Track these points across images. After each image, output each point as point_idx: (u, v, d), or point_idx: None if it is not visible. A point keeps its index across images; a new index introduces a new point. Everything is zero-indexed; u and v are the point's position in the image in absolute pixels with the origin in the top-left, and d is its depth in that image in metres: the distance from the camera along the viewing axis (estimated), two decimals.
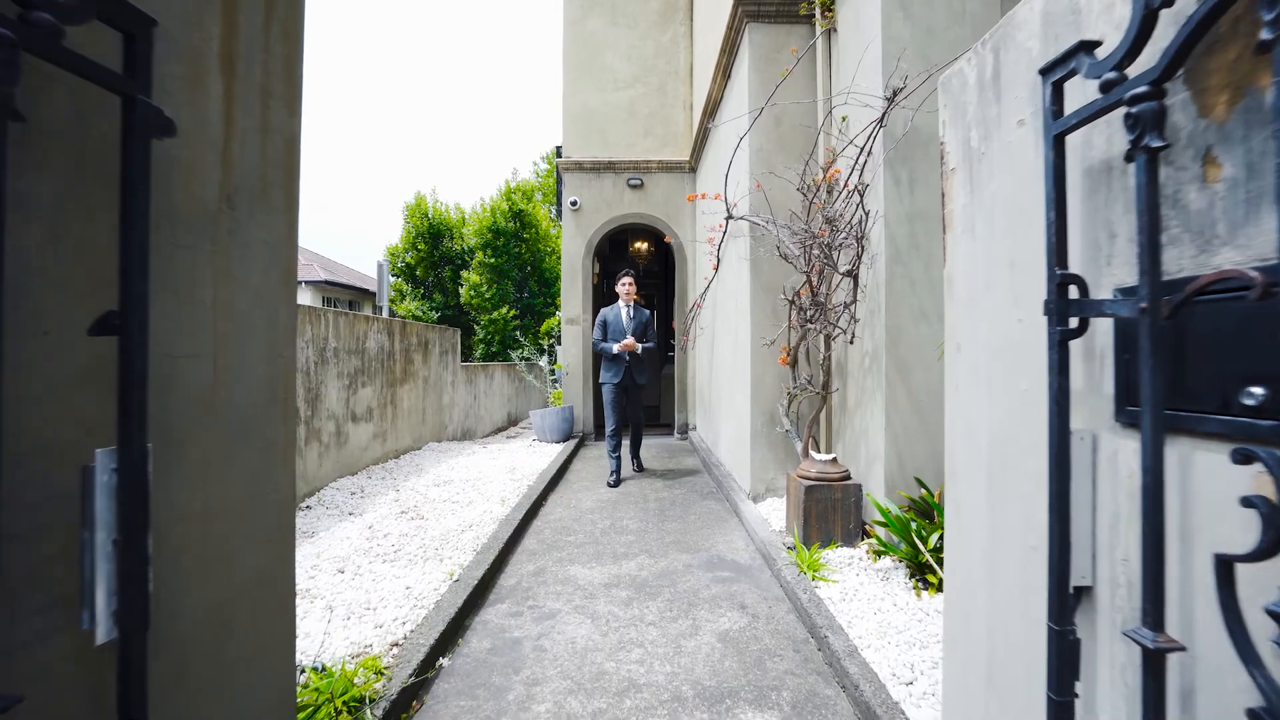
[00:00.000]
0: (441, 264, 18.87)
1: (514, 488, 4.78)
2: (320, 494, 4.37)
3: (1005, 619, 1.17)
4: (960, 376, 1.36)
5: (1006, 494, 1.17)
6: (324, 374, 4.51)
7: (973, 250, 1.30)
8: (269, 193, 1.26)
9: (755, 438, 4.24)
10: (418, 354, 6.52)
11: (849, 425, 3.73)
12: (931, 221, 3.21)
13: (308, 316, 4.28)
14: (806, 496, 3.26)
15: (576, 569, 3.30)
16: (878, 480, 3.29)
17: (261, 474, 1.27)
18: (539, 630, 2.61)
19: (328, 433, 4.56)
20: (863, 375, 3.49)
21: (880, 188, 3.24)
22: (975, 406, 1.30)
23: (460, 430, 8.06)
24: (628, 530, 3.99)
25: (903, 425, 3.20)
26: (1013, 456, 1.16)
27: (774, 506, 4.07)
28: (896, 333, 3.21)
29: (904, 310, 3.21)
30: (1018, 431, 1.15)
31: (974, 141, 1.29)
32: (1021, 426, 1.13)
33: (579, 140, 8.00)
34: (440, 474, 5.26)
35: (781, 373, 4.21)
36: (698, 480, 5.47)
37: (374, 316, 5.45)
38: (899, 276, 3.21)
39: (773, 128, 4.27)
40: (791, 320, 3.77)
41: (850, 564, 3.08)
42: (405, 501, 4.29)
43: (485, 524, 3.82)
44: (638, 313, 5.44)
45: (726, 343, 5.29)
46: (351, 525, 3.71)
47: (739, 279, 4.67)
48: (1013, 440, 1.16)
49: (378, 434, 5.46)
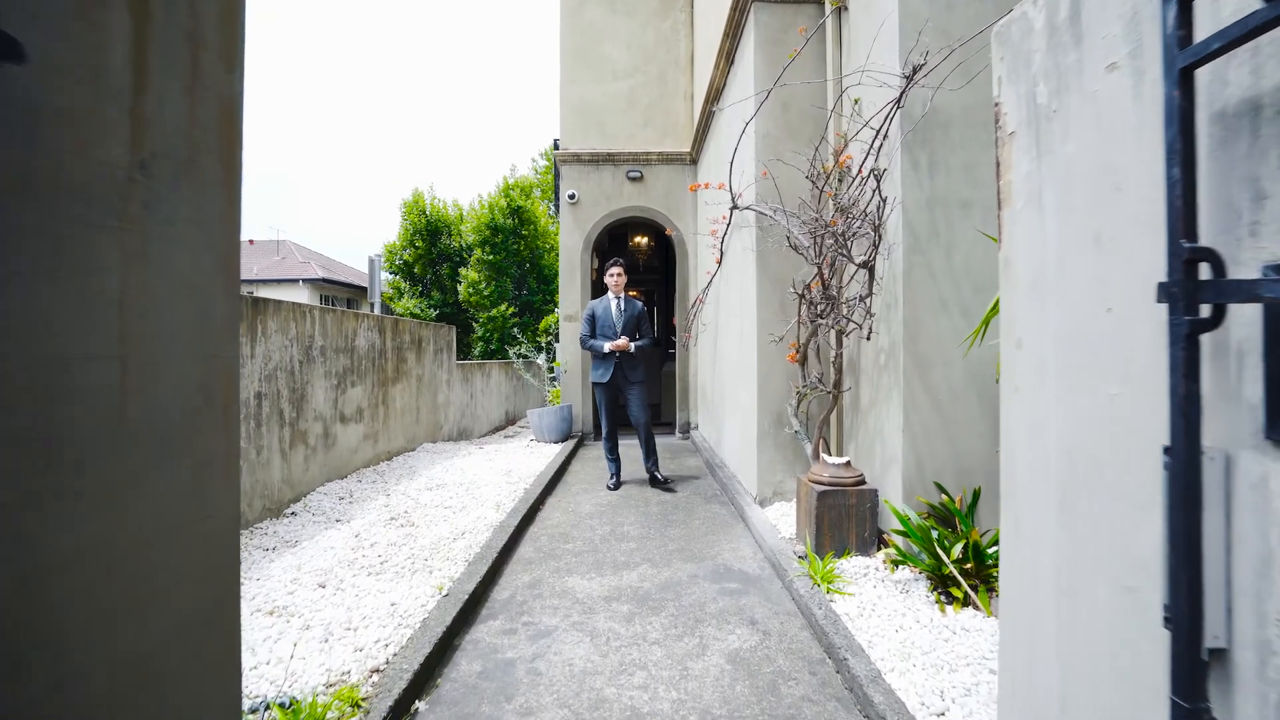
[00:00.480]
0: (440, 261, 18.74)
1: (510, 491, 4.58)
2: (307, 499, 4.16)
3: (1090, 672, 0.97)
4: (1022, 376, 1.16)
5: (1089, 519, 0.97)
6: (310, 373, 4.31)
7: (1039, 226, 1.10)
8: (199, 161, 1.05)
9: (762, 439, 4.04)
10: (411, 352, 6.31)
11: (862, 426, 3.53)
12: (952, 208, 3.00)
13: (292, 314, 4.07)
14: (819, 503, 3.06)
15: (575, 580, 3.10)
16: (894, 485, 3.09)
17: (193, 496, 1.06)
18: (534, 650, 2.41)
19: (315, 435, 4.36)
20: (878, 372, 3.29)
21: (897, 172, 3.03)
22: (1042, 411, 1.10)
23: (456, 430, 7.87)
24: (629, 537, 3.79)
25: (922, 425, 3.00)
26: (1097, 474, 0.96)
27: (782, 511, 3.88)
28: (915, 326, 3.01)
29: (923, 302, 3.01)
30: (1102, 445, 0.94)
31: (1041, 97, 1.08)
32: (1108, 439, 0.93)
33: (577, 131, 7.78)
34: (434, 477, 5.06)
35: (790, 370, 4.01)
36: (701, 483, 5.27)
37: (364, 314, 5.25)
38: (918, 266, 3.01)
39: (780, 113, 4.06)
40: (801, 315, 3.56)
41: (866, 575, 2.88)
42: (395, 507, 4.09)
43: (479, 531, 3.62)
44: (629, 306, 4.96)
45: (730, 339, 5.09)
46: (337, 533, 3.51)
47: (744, 272, 4.47)
48: (1096, 455, 0.96)
49: (368, 435, 5.26)
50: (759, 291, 4.05)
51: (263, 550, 3.23)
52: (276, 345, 3.88)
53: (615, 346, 4.74)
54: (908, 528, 2.76)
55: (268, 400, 3.77)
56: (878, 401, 3.29)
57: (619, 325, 4.88)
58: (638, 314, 4.97)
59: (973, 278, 3.00)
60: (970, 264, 3.00)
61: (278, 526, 3.62)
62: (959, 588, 2.57)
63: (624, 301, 4.96)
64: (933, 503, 2.99)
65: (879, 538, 3.15)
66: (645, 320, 5.02)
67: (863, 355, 3.52)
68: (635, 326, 4.93)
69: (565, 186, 7.76)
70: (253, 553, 3.18)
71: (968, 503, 2.98)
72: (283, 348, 3.96)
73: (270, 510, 3.77)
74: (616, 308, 4.94)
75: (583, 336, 4.95)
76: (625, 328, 4.86)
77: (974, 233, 3.00)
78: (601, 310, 4.96)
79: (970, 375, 3.00)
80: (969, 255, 3.00)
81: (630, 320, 4.91)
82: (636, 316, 4.94)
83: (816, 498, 3.06)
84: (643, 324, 4.98)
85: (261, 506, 3.69)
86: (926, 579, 2.76)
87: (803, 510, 3.29)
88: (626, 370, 4.85)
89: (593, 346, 4.85)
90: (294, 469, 4.09)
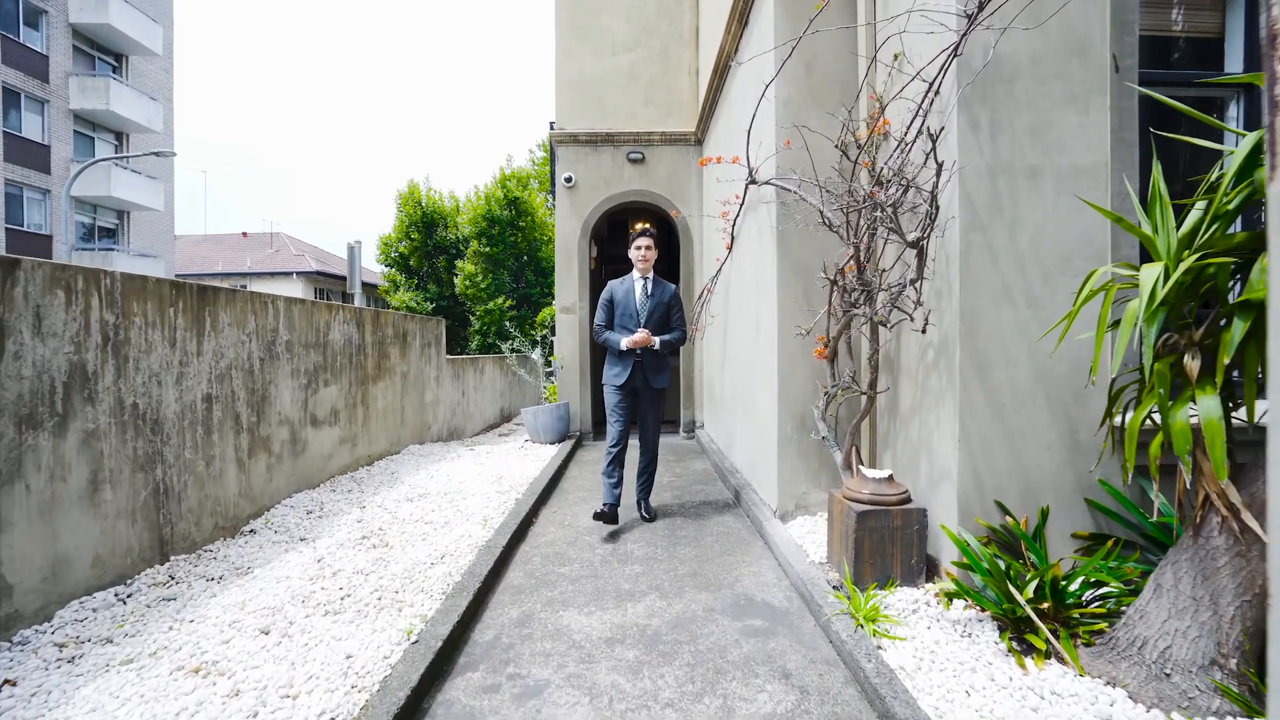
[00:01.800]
0: (436, 253, 18.48)
1: (499, 502, 4.12)
2: (270, 514, 3.70)
3: None
4: None
5: None
6: (273, 372, 3.83)
7: None
8: None
9: (783, 446, 3.58)
10: (394, 347, 5.83)
11: (902, 433, 3.07)
12: (1018, 177, 2.53)
13: (250, 306, 3.59)
14: (858, 525, 2.60)
15: (571, 615, 2.65)
16: (946, 504, 2.63)
17: None
18: (520, 715, 1.96)
19: (279, 441, 3.89)
20: (924, 372, 2.82)
21: (953, 135, 2.55)
22: None
23: (446, 430, 7.40)
24: (633, 557, 3.34)
25: (980, 435, 2.54)
26: None
27: (807, 528, 3.42)
28: (974, 318, 2.54)
29: (983, 289, 2.54)
30: None
31: None
32: None
33: (574, 110, 7.26)
34: (417, 484, 4.59)
35: (815, 368, 3.54)
36: (710, 489, 4.82)
37: (339, 305, 4.77)
38: (977, 247, 2.54)
39: (803, 75, 3.57)
40: (832, 304, 3.09)
41: (916, 612, 2.43)
42: (369, 523, 3.63)
43: (461, 554, 3.16)
44: (658, 289, 3.89)
45: (743, 333, 4.61)
46: (298, 557, 3.05)
47: (761, 257, 3.99)
48: None
49: (345, 439, 4.79)
50: (779, 278, 3.57)
51: (206, 581, 2.77)
52: (231, 340, 3.40)
53: (634, 342, 3.73)
54: (970, 558, 2.30)
55: (220, 404, 3.30)
56: (924, 406, 2.83)
57: (644, 314, 3.83)
58: (668, 300, 3.90)
59: (1041, 262, 2.53)
60: (1039, 245, 2.53)
61: (231, 549, 3.15)
62: (1036, 633, 2.12)
63: (652, 284, 3.89)
64: (994, 526, 2.53)
65: (927, 565, 2.70)
66: (678, 308, 3.95)
67: (903, 352, 3.05)
68: (665, 317, 3.88)
69: (561, 169, 7.26)
70: (194, 585, 2.71)
71: (1034, 525, 2.53)
72: (239, 343, 3.48)
73: (224, 529, 3.31)
74: (643, 291, 3.88)
75: (597, 327, 3.93)
76: (652, 318, 3.83)
77: (1043, 208, 2.53)
78: (623, 294, 3.90)
79: (1038, 376, 2.54)
80: (1037, 235, 2.53)
81: (659, 308, 3.86)
82: (667, 304, 3.89)
83: (856, 519, 2.60)
84: (674, 313, 3.92)
85: (213, 525, 3.22)
86: (992, 620, 2.30)
87: (836, 531, 2.83)
88: (649, 372, 3.84)
89: (608, 340, 3.87)
90: (254, 480, 3.62)
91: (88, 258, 19.61)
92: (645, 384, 3.87)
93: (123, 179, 20.05)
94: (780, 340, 3.56)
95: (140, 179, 20.85)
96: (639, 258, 3.88)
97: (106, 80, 19.55)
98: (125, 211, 21.44)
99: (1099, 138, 2.52)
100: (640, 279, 3.92)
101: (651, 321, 3.84)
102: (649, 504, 4.09)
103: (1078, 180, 2.52)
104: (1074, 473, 2.54)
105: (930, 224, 2.41)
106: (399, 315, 6.02)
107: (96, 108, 19.44)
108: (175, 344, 2.96)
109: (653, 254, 3.88)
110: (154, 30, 21.21)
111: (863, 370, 3.43)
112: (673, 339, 3.89)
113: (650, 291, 3.89)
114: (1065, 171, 2.53)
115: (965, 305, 2.54)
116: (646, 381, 3.86)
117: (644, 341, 3.75)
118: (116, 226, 21.40)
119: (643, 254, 3.86)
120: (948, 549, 2.62)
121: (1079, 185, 2.52)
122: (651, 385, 3.88)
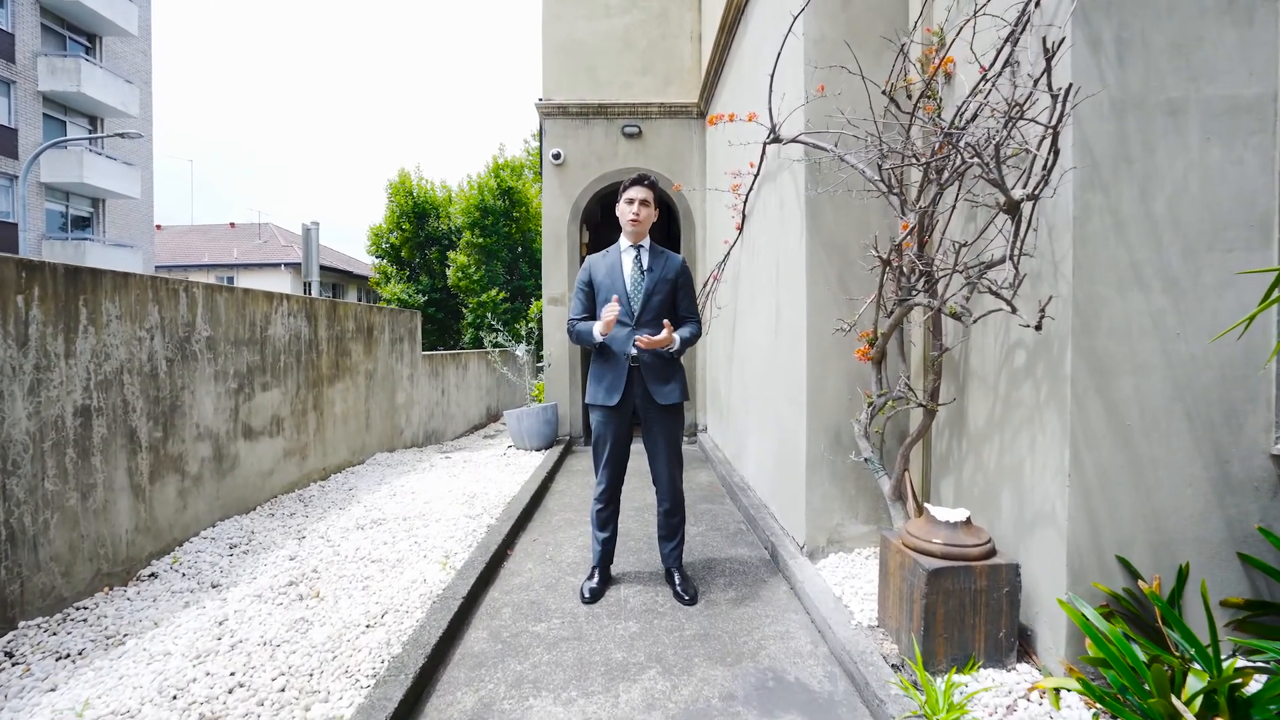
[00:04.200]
0: (428, 244, 18.11)
1: (468, 530, 3.44)
2: (181, 551, 3.01)
3: None
4: None
5: None
6: (187, 375, 3.14)
7: None
8: None
9: (813, 468, 2.91)
10: (356, 343, 5.13)
11: (971, 458, 2.40)
12: (1154, 115, 1.85)
13: (150, 293, 2.89)
14: (930, 586, 1.94)
15: (543, 706, 1.98)
16: (1047, 558, 1.96)
17: None
18: None
19: (197, 459, 3.20)
20: (1010, 379, 2.15)
21: (1068, 58, 1.86)
22: None
23: (424, 433, 6.72)
24: (627, 608, 2.67)
25: (1097, 466, 1.87)
26: None
27: (844, 570, 2.76)
28: (1091, 308, 1.87)
29: (1104, 269, 1.86)
30: None
31: None
32: None
33: (563, 78, 6.53)
34: (373, 505, 3.91)
35: (853, 372, 2.87)
36: (719, 510, 4.15)
37: (283, 295, 4.07)
38: (1097, 212, 1.86)
39: (839, 9, 2.88)
40: (883, 291, 2.41)
41: (1014, 712, 1.77)
42: (304, 561, 2.95)
43: (409, 608, 2.49)
44: (658, 262, 2.72)
45: (758, 327, 3.93)
46: (195, 618, 2.36)
47: (784, 236, 3.30)
48: None
49: (291, 451, 4.10)
50: (809, 259, 2.89)
51: (56, 660, 2.08)
52: (121, 338, 2.70)
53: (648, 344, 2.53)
54: (1105, 650, 1.63)
55: (104, 418, 2.60)
56: (1008, 423, 2.16)
57: (638, 300, 2.67)
58: (674, 278, 2.72)
59: (1182, 232, 1.86)
60: (1179, 209, 1.86)
61: (113, 604, 2.46)
62: None
63: (649, 255, 2.73)
64: (1116, 591, 1.87)
65: (1019, 638, 2.03)
66: (687, 290, 2.78)
67: (973, 353, 2.38)
68: (669, 302, 2.72)
69: (549, 145, 6.54)
70: (35, 667, 2.02)
71: (1169, 587, 1.87)
72: (133, 341, 2.78)
73: (111, 576, 2.62)
74: (635, 266, 2.71)
75: (571, 320, 2.81)
76: (651, 305, 2.67)
77: (1187, 157, 1.85)
78: (606, 271, 2.72)
79: (1177, 387, 1.87)
80: (1177, 194, 1.86)
81: (661, 290, 2.69)
82: (672, 283, 2.71)
83: (927, 579, 1.93)
84: (683, 299, 2.76)
85: (93, 573, 2.54)
86: None
87: (894, 588, 2.16)
88: (651, 385, 2.66)
89: (582, 334, 2.70)
90: (160, 510, 2.93)
91: (59, 248, 18.78)
92: (648, 403, 2.69)
93: (96, 165, 19.15)
94: (810, 337, 2.88)
95: (115, 165, 19.97)
96: (630, 216, 2.65)
97: (78, 61, 18.65)
98: (100, 200, 20.57)
99: (1266, 60, 1.84)
100: (631, 248, 2.73)
101: (650, 308, 2.66)
102: (684, 573, 2.82)
103: (1234, 120, 1.85)
104: (1224, 518, 1.88)
105: (1047, 173, 1.71)
106: (363, 307, 5.31)
107: (67, 90, 18.53)
108: (26, 343, 2.26)
109: (649, 213, 2.69)
110: (129, 9, 20.28)
111: (916, 375, 2.76)
112: (690, 335, 2.71)
113: (648, 266, 2.70)
114: (1218, 107, 1.85)
115: (1079, 291, 1.86)
116: (649, 399, 2.67)
117: (655, 343, 2.51)
118: (91, 215, 20.54)
119: (635, 211, 2.65)
120: (1047, 616, 1.96)
121: (1236, 126, 1.85)
122: (657, 403, 2.68)
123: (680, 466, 2.82)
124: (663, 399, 2.69)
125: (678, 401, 2.73)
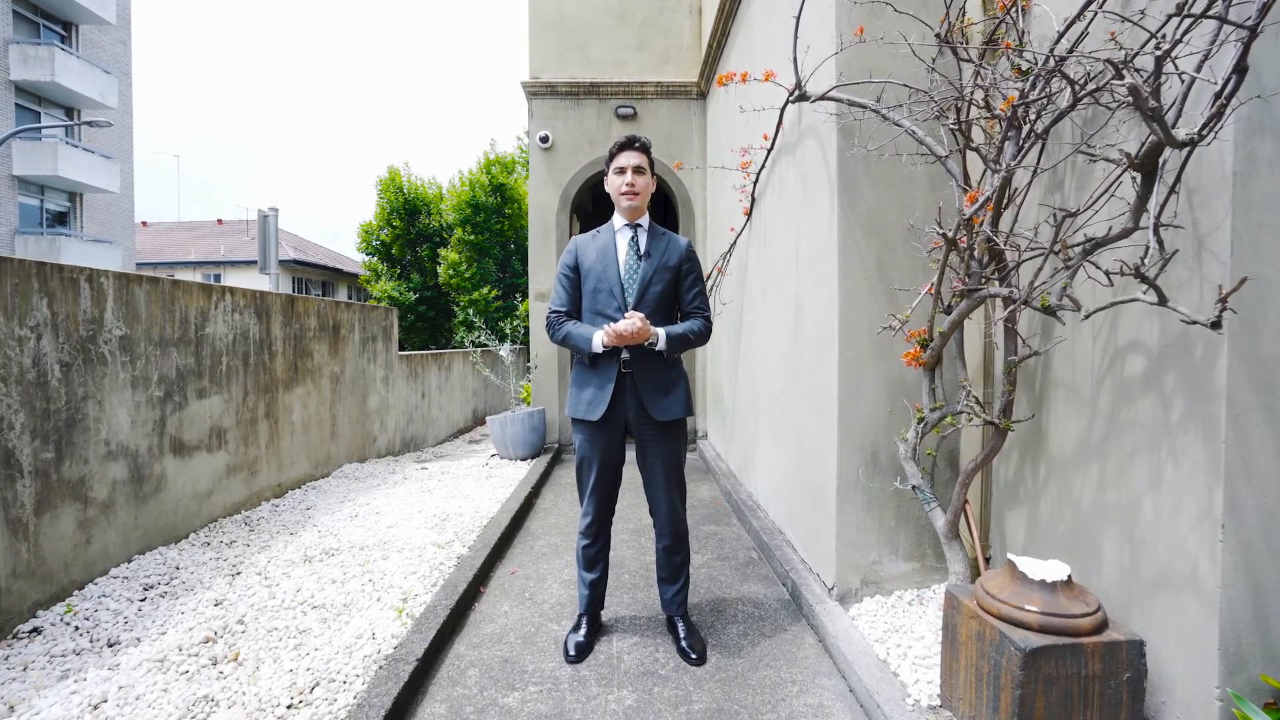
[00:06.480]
0: (419, 241, 17.85)
1: (435, 561, 2.93)
2: (83, 594, 2.49)
3: None
4: None
5: None
6: (93, 382, 2.61)
7: None
8: None
9: (845, 495, 2.41)
10: (320, 342, 4.60)
11: (1053, 487, 1.91)
12: None
13: (37, 281, 2.36)
14: (1027, 670, 1.44)
15: None
16: (1186, 633, 1.47)
17: None
18: None
19: (107, 481, 2.68)
20: (1118, 390, 1.66)
21: None
22: None
23: (401, 440, 6.19)
24: (620, 671, 2.16)
25: (1264, 513, 1.38)
26: None
27: (885, 621, 2.25)
28: (1258, 297, 1.38)
29: (1278, 245, 1.37)
30: None
31: None
32: None
33: (552, 55, 6.02)
34: (329, 530, 3.39)
35: (893, 379, 2.37)
36: (725, 534, 3.65)
37: (226, 288, 3.54)
38: (1266, 165, 1.36)
39: None
40: (943, 282, 1.92)
41: None
42: (232, 608, 2.43)
43: (349, 677, 1.98)
44: (658, 245, 2.22)
45: (772, 326, 3.43)
46: (66, 700, 1.84)
47: (808, 217, 2.80)
48: None
49: (237, 467, 3.58)
50: (842, 243, 2.38)
51: None
52: None
53: (618, 337, 2.02)
54: None
55: None
56: (1114, 448, 1.67)
57: (633, 290, 2.17)
58: (678, 263, 2.22)
59: None
60: None
61: None
62: None
63: (647, 237, 2.23)
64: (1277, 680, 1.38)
65: None
66: (694, 281, 2.27)
67: (1058, 358, 1.89)
68: (671, 293, 2.22)
69: (536, 127, 6.03)
70: None
71: None
72: (8, 341, 2.25)
73: None
74: (630, 250, 2.21)
75: (553, 313, 2.28)
76: (649, 296, 2.17)
77: None
78: (597, 254, 2.22)
79: None
80: None
81: (662, 278, 2.19)
82: (676, 270, 2.22)
83: (1022, 662, 1.44)
84: (688, 289, 2.26)
85: None
86: None
87: (965, 662, 1.67)
88: (647, 397, 2.16)
89: (569, 337, 2.21)
90: (51, 547, 2.41)
91: (33, 243, 18.09)
92: (642, 417, 2.17)
93: (71, 158, 18.45)
94: (842, 337, 2.38)
95: (93, 158, 19.28)
96: (623, 188, 2.16)
97: (52, 49, 17.93)
98: (78, 194, 19.87)
99: None
100: (627, 227, 2.23)
101: (647, 300, 2.16)
102: (689, 623, 2.31)
103: None
104: None
105: (1224, 99, 1.19)
106: (327, 303, 4.78)
107: (40, 79, 17.81)
108: None
109: (645, 181, 2.19)
110: None
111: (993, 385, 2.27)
112: (689, 331, 2.18)
113: (645, 249, 2.20)
114: None
115: (1240, 275, 1.37)
116: (643, 412, 2.16)
117: (632, 336, 2.01)
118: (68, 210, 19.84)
119: (629, 181, 2.15)
120: (1182, 712, 1.47)
121: None
122: (653, 418, 2.16)
123: (683, 494, 2.32)
124: (660, 414, 2.16)
125: (680, 417, 2.21)
